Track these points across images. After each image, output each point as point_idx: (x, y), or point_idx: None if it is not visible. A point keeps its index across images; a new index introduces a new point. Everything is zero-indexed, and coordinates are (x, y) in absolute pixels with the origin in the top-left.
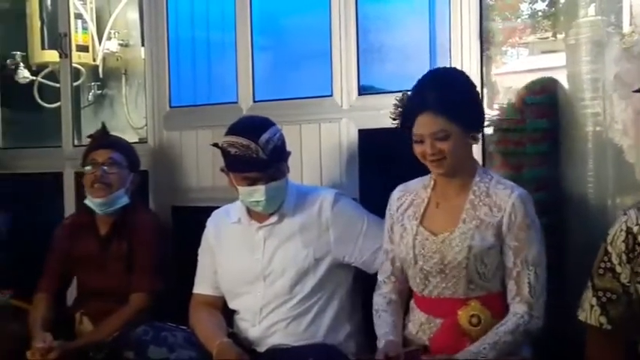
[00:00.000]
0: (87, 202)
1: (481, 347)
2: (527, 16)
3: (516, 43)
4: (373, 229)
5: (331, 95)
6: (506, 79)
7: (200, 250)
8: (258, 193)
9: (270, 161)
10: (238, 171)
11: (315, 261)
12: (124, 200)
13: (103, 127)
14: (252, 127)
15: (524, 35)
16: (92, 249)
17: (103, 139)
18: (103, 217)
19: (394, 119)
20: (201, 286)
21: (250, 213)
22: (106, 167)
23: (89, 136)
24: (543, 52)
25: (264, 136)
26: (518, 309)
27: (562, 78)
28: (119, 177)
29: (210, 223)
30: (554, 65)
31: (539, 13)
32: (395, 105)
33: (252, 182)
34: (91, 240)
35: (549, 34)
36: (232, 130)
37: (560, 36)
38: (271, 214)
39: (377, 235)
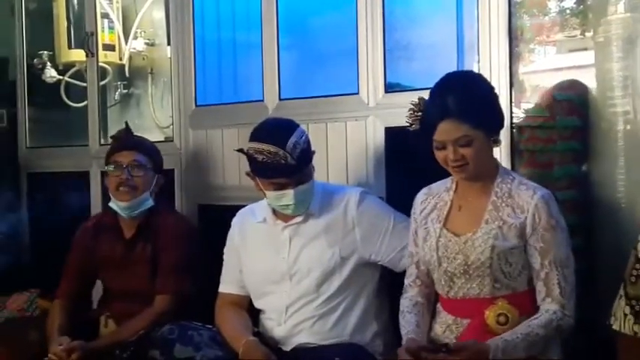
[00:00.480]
0: (111, 205)
1: (513, 336)
2: (555, 14)
3: (544, 41)
4: (399, 227)
5: (357, 93)
6: (534, 78)
7: (225, 250)
8: (286, 198)
9: (298, 166)
10: (266, 177)
11: (341, 260)
12: (149, 203)
13: (127, 126)
14: (278, 132)
15: (553, 33)
16: (117, 251)
17: (127, 140)
18: (128, 220)
19: (411, 124)
20: (227, 286)
21: (276, 212)
22: (130, 170)
23: (112, 137)
24: (571, 50)
25: (291, 141)
26: (550, 307)
27: (591, 76)
28: (144, 180)
29: (235, 222)
30: (582, 63)
31: (568, 11)
32: (411, 110)
33: (281, 187)
34: (116, 243)
35: (578, 31)
36: (258, 136)
37: (588, 34)
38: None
39: (403, 234)
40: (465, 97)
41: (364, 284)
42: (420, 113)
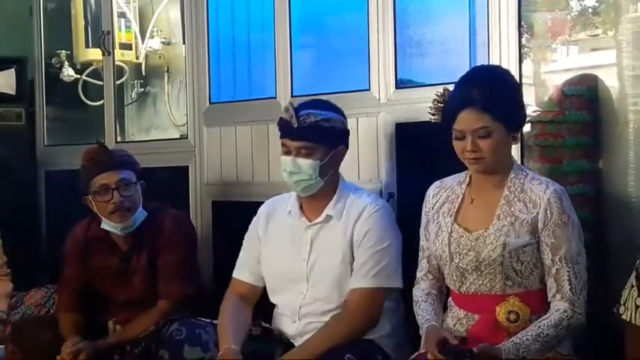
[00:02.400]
0: (105, 226)
1: (524, 338)
2: (570, 11)
3: (566, 40)
4: (381, 254)
5: (369, 89)
6: (549, 76)
7: (247, 236)
8: (285, 163)
9: (299, 131)
10: (280, 136)
11: (350, 266)
12: (143, 215)
13: (99, 144)
14: (310, 102)
15: (568, 30)
16: (113, 265)
17: (107, 158)
18: (122, 235)
19: (433, 114)
20: (242, 272)
21: (302, 207)
22: (122, 191)
23: (89, 160)
24: (593, 49)
25: (308, 111)
26: (560, 305)
27: (606, 73)
28: (136, 196)
29: (261, 211)
30: (598, 59)
31: (590, 10)
32: (435, 100)
33: (287, 152)
34: (111, 257)
35: (599, 30)
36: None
37: (610, 33)
38: (320, 211)
39: (379, 263)
40: (490, 89)
41: None
42: (442, 105)
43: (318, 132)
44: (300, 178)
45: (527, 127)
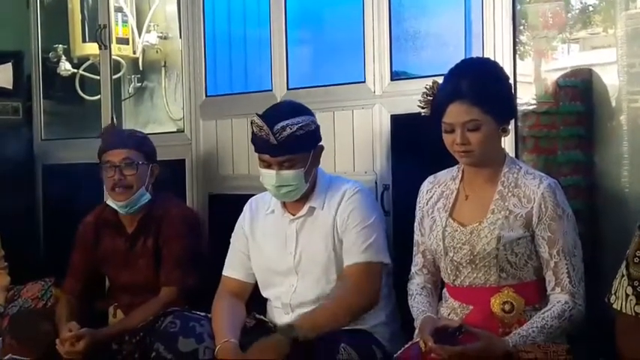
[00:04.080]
0: (109, 202)
1: (529, 330)
2: (567, 4)
3: (562, 33)
4: (367, 229)
5: (364, 81)
6: (543, 68)
7: (234, 234)
8: (268, 178)
9: (279, 147)
10: (255, 150)
11: (335, 255)
12: (146, 197)
13: (113, 122)
14: (277, 111)
15: (563, 22)
16: (119, 247)
17: (116, 137)
18: (128, 215)
19: (422, 107)
20: (232, 270)
21: (284, 204)
22: (123, 169)
23: (100, 135)
24: (590, 44)
25: (282, 123)
26: (560, 297)
27: (602, 68)
28: (138, 176)
29: (246, 209)
30: (595, 55)
31: (590, 8)
32: (424, 93)
33: (267, 166)
34: (118, 238)
35: (597, 27)
36: (264, 111)
37: (610, 30)
38: (303, 205)
39: (368, 239)
40: (479, 81)
41: None
42: (431, 97)
43: (297, 143)
44: (288, 189)
45: (521, 118)
